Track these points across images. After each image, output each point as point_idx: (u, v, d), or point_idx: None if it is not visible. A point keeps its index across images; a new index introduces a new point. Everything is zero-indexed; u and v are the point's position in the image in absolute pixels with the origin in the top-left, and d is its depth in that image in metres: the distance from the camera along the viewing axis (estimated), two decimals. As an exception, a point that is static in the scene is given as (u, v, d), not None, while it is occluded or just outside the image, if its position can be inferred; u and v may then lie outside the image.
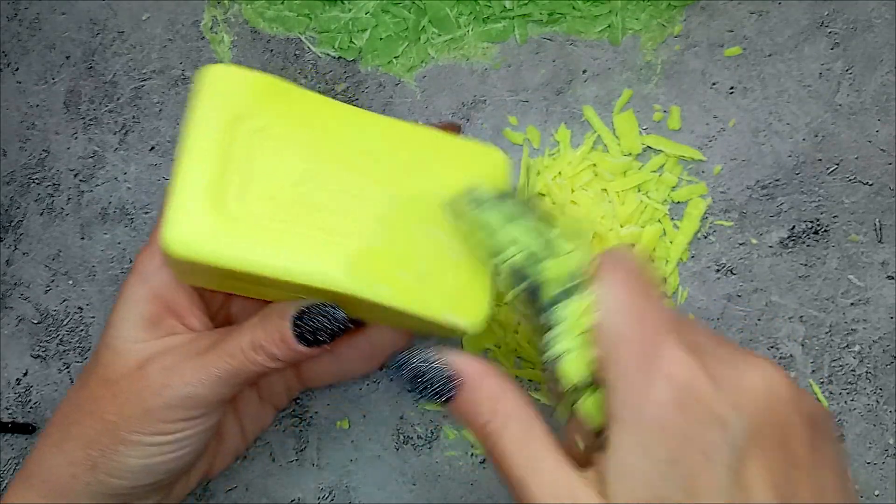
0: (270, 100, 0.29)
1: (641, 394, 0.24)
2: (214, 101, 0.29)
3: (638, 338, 0.25)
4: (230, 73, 0.29)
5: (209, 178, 0.28)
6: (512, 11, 0.41)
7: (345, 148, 0.30)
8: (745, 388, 0.24)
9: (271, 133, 0.29)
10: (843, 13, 0.41)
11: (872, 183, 0.40)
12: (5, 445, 0.41)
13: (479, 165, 0.31)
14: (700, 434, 0.24)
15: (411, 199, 0.30)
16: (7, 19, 0.44)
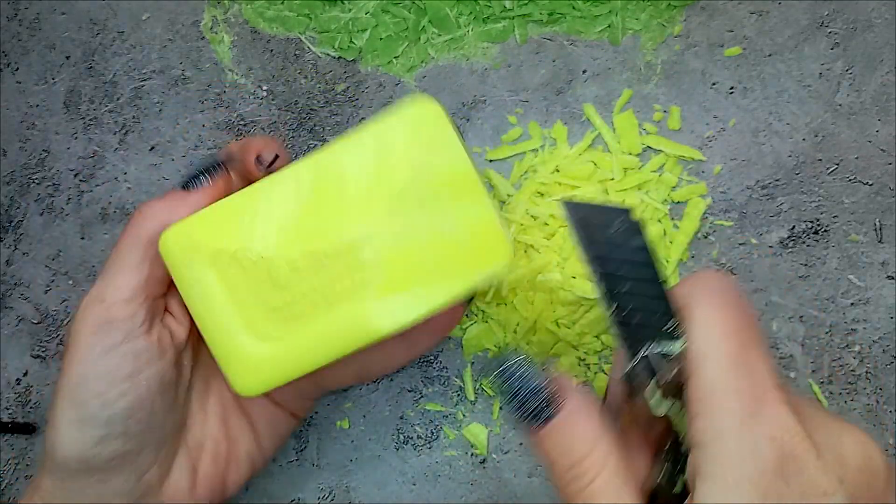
0: (212, 226, 0.31)
1: (741, 455, 0.23)
2: (185, 263, 0.30)
3: (742, 393, 0.23)
4: (176, 235, 0.31)
5: (230, 318, 0.30)
6: (512, 11, 0.41)
7: (300, 204, 0.31)
8: (845, 460, 0.23)
9: (230, 251, 0.31)
10: (843, 13, 0.41)
11: (872, 183, 0.40)
12: (5, 445, 0.41)
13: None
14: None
15: (389, 197, 0.30)
16: (7, 19, 0.44)
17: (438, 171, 0.30)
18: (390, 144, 0.30)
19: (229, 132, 0.42)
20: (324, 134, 0.42)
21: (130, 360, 0.30)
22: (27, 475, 0.41)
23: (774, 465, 0.22)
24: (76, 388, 0.30)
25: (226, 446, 0.35)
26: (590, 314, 0.39)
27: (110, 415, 0.30)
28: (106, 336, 0.30)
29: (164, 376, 0.31)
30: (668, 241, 0.40)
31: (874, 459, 0.24)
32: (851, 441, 0.24)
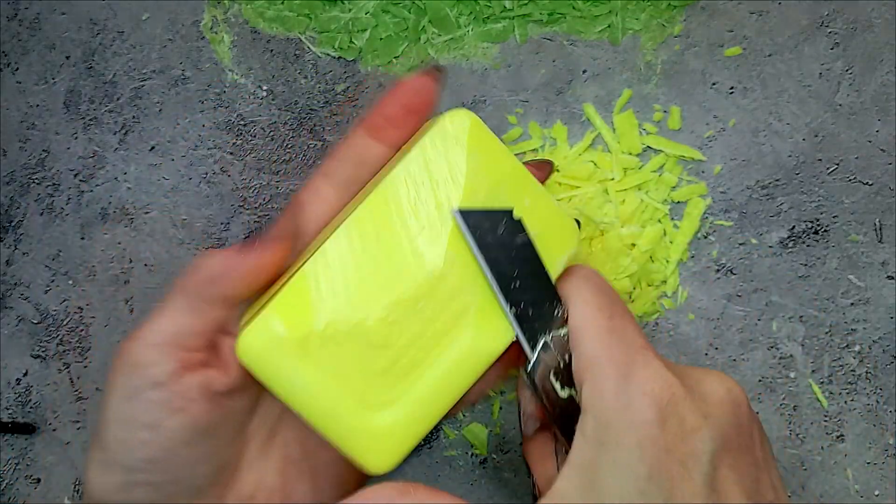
0: (287, 316, 0.29)
1: (622, 413, 0.25)
2: (272, 362, 0.29)
3: (615, 358, 0.26)
4: (252, 338, 0.28)
5: (340, 401, 0.28)
6: (512, 11, 0.41)
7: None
8: (711, 399, 0.26)
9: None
10: (843, 13, 0.41)
11: (872, 183, 0.40)
12: (5, 445, 0.41)
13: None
14: (678, 446, 0.25)
15: (452, 214, 0.29)
16: (7, 19, 0.44)
17: (491, 175, 0.29)
18: (438, 163, 0.29)
19: (229, 132, 0.42)
20: (324, 134, 0.42)
21: (153, 409, 0.28)
22: (27, 475, 0.41)
23: (650, 415, 0.25)
24: (103, 429, 0.28)
25: (281, 497, 0.32)
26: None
27: (131, 462, 0.28)
28: (129, 379, 0.28)
29: (193, 426, 0.29)
30: (668, 241, 0.40)
31: (733, 391, 0.27)
32: (712, 380, 0.27)
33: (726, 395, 0.26)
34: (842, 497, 0.39)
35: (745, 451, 0.26)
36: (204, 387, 0.29)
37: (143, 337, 0.29)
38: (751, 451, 0.26)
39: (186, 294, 0.29)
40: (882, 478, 0.39)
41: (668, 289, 0.40)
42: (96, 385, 0.41)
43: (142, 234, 0.42)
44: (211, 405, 0.29)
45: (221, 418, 0.30)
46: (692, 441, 0.25)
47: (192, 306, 0.29)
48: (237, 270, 0.29)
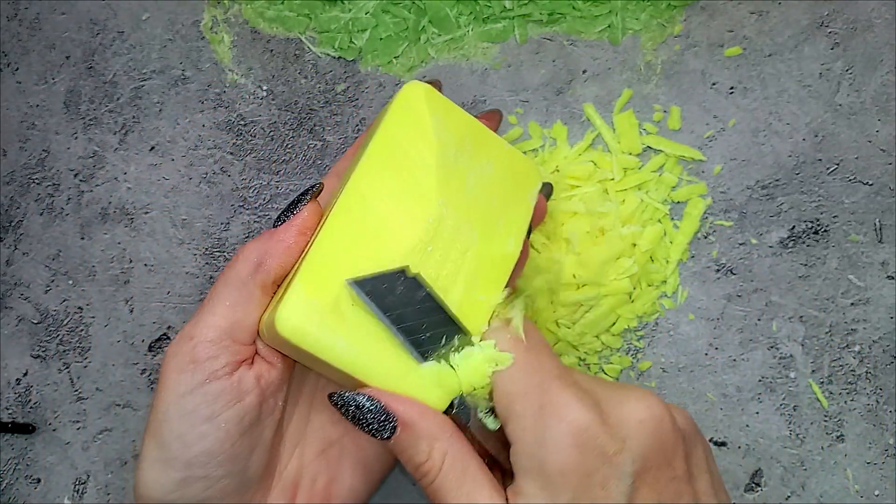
0: (313, 289, 0.30)
1: (540, 443, 0.27)
2: (312, 333, 0.30)
3: (528, 393, 0.28)
4: (287, 315, 0.30)
5: (386, 353, 0.30)
6: (512, 11, 0.41)
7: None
8: (630, 420, 0.27)
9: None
10: (843, 13, 0.41)
11: (872, 183, 0.40)
12: (5, 445, 0.41)
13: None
14: (598, 470, 0.26)
15: (433, 175, 0.32)
16: (7, 19, 0.44)
17: (455, 133, 0.33)
18: (407, 130, 0.32)
19: (229, 132, 0.42)
20: (324, 134, 0.42)
21: (210, 402, 0.29)
22: (27, 475, 0.41)
23: (571, 443, 0.26)
24: (160, 426, 0.29)
25: (325, 480, 0.33)
26: (590, 314, 0.39)
27: (190, 457, 0.29)
28: (189, 375, 0.29)
29: (245, 419, 0.30)
30: (668, 241, 0.40)
31: (653, 410, 0.27)
32: (632, 400, 0.28)
33: (645, 415, 0.27)
34: (842, 497, 0.39)
35: (663, 466, 0.27)
36: (257, 378, 0.30)
37: (199, 334, 0.30)
38: (671, 468, 0.27)
39: (233, 287, 0.31)
40: (882, 478, 0.39)
41: (668, 289, 0.40)
42: (96, 385, 0.41)
43: (142, 234, 0.42)
44: (261, 396, 0.31)
45: (268, 409, 0.31)
46: (611, 464, 0.26)
47: (240, 298, 0.30)
48: (276, 251, 0.31)
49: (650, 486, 0.27)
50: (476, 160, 0.33)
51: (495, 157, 0.33)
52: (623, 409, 0.27)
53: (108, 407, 0.41)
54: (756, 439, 0.39)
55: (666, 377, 0.40)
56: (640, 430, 0.27)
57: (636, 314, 0.40)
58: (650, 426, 0.27)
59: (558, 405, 0.27)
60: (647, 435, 0.27)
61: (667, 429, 0.28)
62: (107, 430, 0.41)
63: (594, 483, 0.26)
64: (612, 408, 0.27)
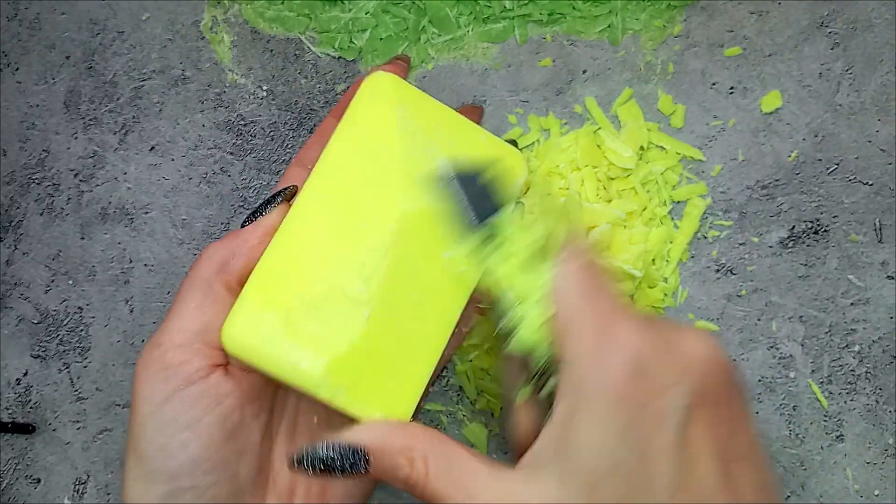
0: (265, 299, 0.29)
1: (599, 368, 0.26)
2: (259, 348, 0.29)
3: (593, 315, 0.27)
4: (233, 327, 0.29)
5: (351, 354, 0.29)
6: (512, 11, 0.41)
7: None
8: (688, 356, 0.26)
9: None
10: (843, 13, 0.41)
11: (872, 183, 0.40)
12: (5, 445, 0.41)
13: (382, 94, 0.32)
14: (653, 400, 0.25)
15: (402, 167, 0.30)
16: (7, 19, 0.44)
17: (424, 122, 0.31)
18: (369, 121, 0.31)
19: (229, 132, 0.42)
20: (324, 134, 0.42)
21: (188, 407, 0.28)
22: (27, 475, 0.41)
23: (626, 370, 0.25)
24: (138, 440, 0.28)
25: (320, 484, 0.33)
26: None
27: (174, 467, 0.28)
28: (164, 383, 0.28)
29: (227, 422, 0.29)
30: (668, 241, 0.40)
31: (712, 349, 0.27)
32: (692, 337, 0.27)
33: (704, 353, 0.27)
34: (841, 497, 0.39)
35: (716, 406, 0.26)
36: (236, 381, 0.30)
37: (167, 340, 0.29)
38: (722, 407, 0.27)
39: (198, 288, 0.30)
40: (882, 478, 0.39)
41: (669, 289, 0.40)
42: (96, 385, 0.41)
43: (142, 234, 0.42)
44: (242, 399, 0.30)
45: (252, 413, 0.30)
46: (666, 396, 0.26)
47: (206, 300, 0.29)
48: (241, 250, 0.30)
49: (704, 424, 0.26)
50: (449, 151, 0.31)
51: (472, 147, 0.31)
52: (683, 344, 0.27)
53: (108, 407, 0.41)
54: (756, 439, 0.39)
55: (666, 377, 0.40)
56: (698, 366, 0.26)
57: (636, 314, 0.40)
58: (709, 364, 0.27)
59: (619, 332, 0.26)
60: (705, 372, 0.26)
61: (724, 370, 0.27)
62: (107, 430, 0.41)
63: (649, 413, 0.25)
64: (672, 342, 0.27)
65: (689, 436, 0.26)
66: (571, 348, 0.27)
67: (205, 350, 0.29)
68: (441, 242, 0.30)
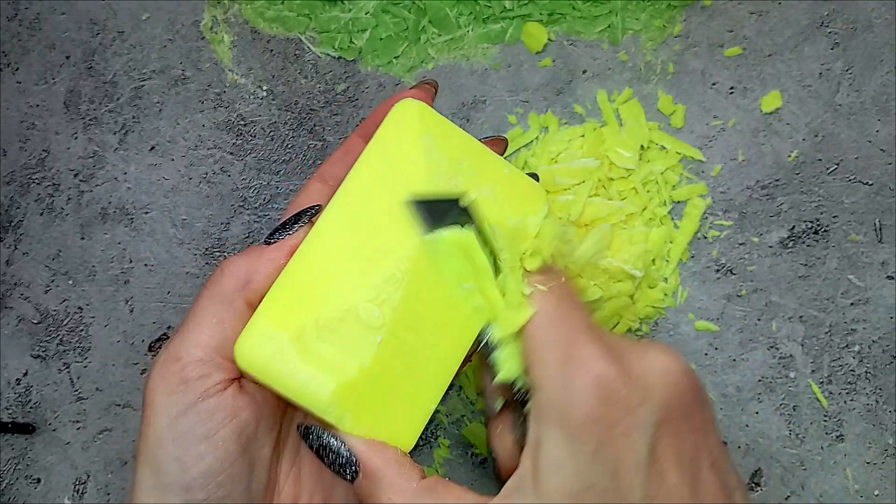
0: (279, 316, 0.30)
1: (566, 392, 0.27)
2: (272, 364, 0.29)
3: (559, 341, 0.28)
4: (247, 343, 0.29)
5: (363, 380, 0.29)
6: (512, 11, 0.41)
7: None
8: (652, 374, 0.27)
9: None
10: (843, 13, 0.41)
11: (872, 183, 0.40)
12: (5, 445, 0.41)
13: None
14: (620, 420, 0.26)
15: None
16: (7, 19, 0.44)
17: (449, 153, 0.31)
18: (394, 150, 0.30)
19: (229, 132, 0.42)
20: (324, 134, 0.42)
21: (205, 420, 0.28)
22: (27, 475, 0.41)
23: (592, 393, 0.26)
24: (154, 452, 0.29)
25: (321, 499, 0.33)
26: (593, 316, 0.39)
27: (189, 480, 0.28)
28: (182, 396, 0.28)
29: (242, 435, 0.29)
30: (668, 241, 0.40)
31: (673, 365, 0.28)
32: (653, 355, 0.28)
33: (667, 369, 0.28)
34: (841, 497, 0.39)
35: (682, 418, 0.28)
36: (251, 394, 0.30)
37: (187, 353, 0.29)
38: (687, 418, 0.28)
39: (220, 303, 0.30)
40: (882, 478, 0.39)
41: (669, 289, 0.40)
42: (96, 385, 0.41)
43: (142, 234, 0.42)
44: (257, 412, 0.30)
45: (265, 428, 0.31)
46: (634, 415, 0.27)
47: (227, 315, 0.30)
48: (266, 269, 0.30)
49: (671, 437, 0.27)
50: (473, 182, 0.31)
51: (495, 180, 0.31)
52: (645, 362, 0.28)
53: (108, 407, 0.41)
54: (756, 439, 0.39)
55: (666, 377, 0.40)
56: (662, 383, 0.27)
57: (637, 316, 0.40)
58: (672, 379, 0.28)
59: (584, 357, 0.27)
60: (669, 387, 0.27)
61: (687, 382, 0.28)
62: (107, 430, 0.41)
63: (617, 434, 0.26)
64: (635, 361, 0.28)
65: (657, 451, 0.27)
66: (539, 374, 0.28)
67: (223, 364, 0.29)
68: (458, 273, 0.30)
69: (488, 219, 0.30)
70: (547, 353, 0.28)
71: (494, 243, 0.30)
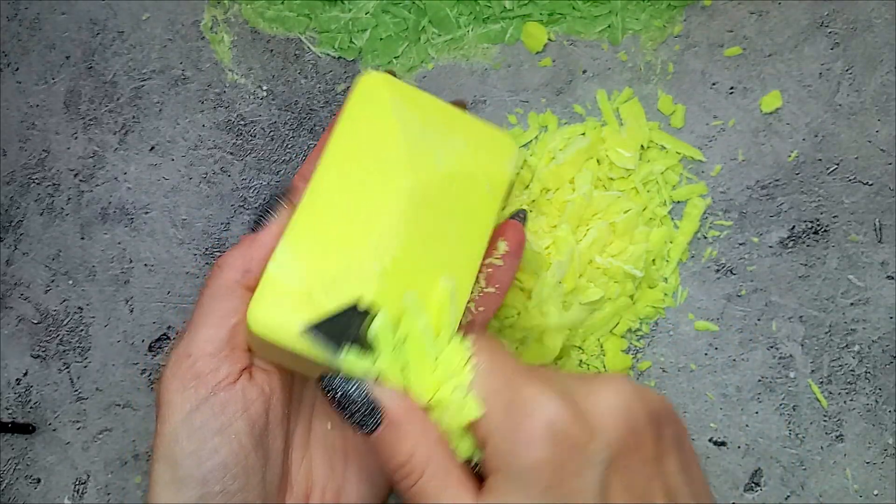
0: (282, 287, 0.30)
1: (511, 440, 0.26)
2: (283, 328, 0.29)
3: (496, 390, 0.27)
4: (258, 310, 0.29)
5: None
6: (512, 11, 0.41)
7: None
8: (599, 408, 0.27)
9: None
10: (843, 13, 0.41)
11: (872, 183, 0.40)
12: (5, 445, 0.41)
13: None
14: (569, 460, 0.26)
15: (401, 159, 0.32)
16: (7, 19, 0.44)
17: (420, 116, 0.32)
18: (369, 118, 0.32)
19: (229, 132, 0.42)
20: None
21: (218, 413, 0.29)
22: (27, 475, 0.41)
23: (542, 437, 0.26)
24: (169, 446, 0.29)
25: (334, 490, 0.33)
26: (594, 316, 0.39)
27: (205, 473, 0.29)
28: (194, 392, 0.29)
29: (255, 426, 0.30)
30: (668, 241, 0.40)
31: (626, 397, 0.27)
32: (601, 389, 0.27)
33: (614, 401, 0.27)
34: (841, 497, 0.39)
35: (634, 451, 0.27)
36: (259, 385, 0.30)
37: (197, 349, 0.30)
38: (640, 450, 0.27)
39: (222, 296, 0.30)
40: (881, 477, 0.39)
41: (669, 289, 0.40)
42: (96, 385, 0.41)
43: (142, 234, 0.42)
44: (266, 403, 0.30)
45: (276, 417, 0.31)
46: (583, 453, 0.26)
47: (231, 306, 0.30)
48: (260, 255, 0.31)
49: (622, 473, 0.27)
50: (445, 137, 0.33)
51: (466, 132, 0.33)
52: (592, 397, 0.27)
53: (108, 407, 0.41)
54: (756, 439, 0.39)
55: (665, 377, 0.40)
56: (610, 417, 0.27)
57: (637, 316, 0.40)
58: (620, 412, 0.27)
59: (526, 400, 0.27)
60: (618, 420, 0.27)
61: (637, 413, 0.27)
62: (107, 430, 0.41)
63: (567, 474, 0.26)
64: (581, 397, 0.27)
65: (609, 488, 0.26)
66: (485, 425, 0.27)
67: (232, 355, 0.30)
68: (453, 204, 0.32)
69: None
70: (488, 405, 0.27)
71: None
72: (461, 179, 0.32)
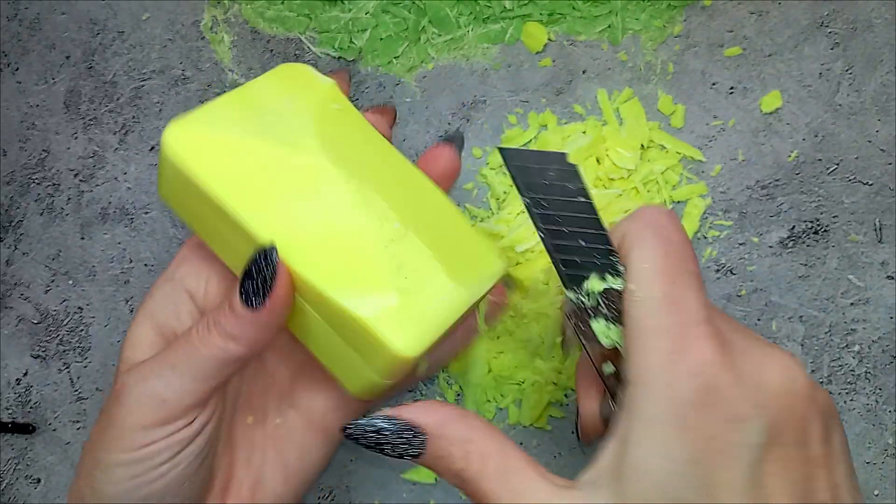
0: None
1: (666, 390, 0.23)
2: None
3: (668, 332, 0.24)
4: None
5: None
6: (512, 11, 0.41)
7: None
8: (766, 385, 0.24)
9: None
10: (843, 13, 0.41)
11: (872, 183, 0.40)
12: (5, 445, 0.41)
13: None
14: (721, 434, 0.23)
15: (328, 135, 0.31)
16: (7, 19, 0.44)
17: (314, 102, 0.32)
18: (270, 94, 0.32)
19: (229, 132, 0.42)
20: (324, 134, 0.42)
21: (175, 447, 0.29)
22: (27, 475, 0.41)
23: (695, 397, 0.23)
24: (110, 468, 0.29)
25: (249, 485, 0.33)
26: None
27: (147, 493, 0.29)
28: (159, 430, 0.29)
29: (200, 451, 0.30)
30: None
31: (795, 380, 0.24)
32: (774, 365, 0.24)
33: (785, 385, 0.24)
34: (841, 497, 0.39)
35: (797, 445, 0.24)
36: (207, 416, 0.30)
37: (174, 398, 0.29)
38: (805, 446, 0.24)
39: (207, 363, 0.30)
40: (881, 477, 0.39)
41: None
42: (96, 385, 0.41)
43: (142, 234, 0.42)
44: (209, 429, 0.31)
45: (210, 428, 0.31)
46: (738, 431, 0.23)
47: (215, 374, 0.30)
48: (263, 337, 0.30)
49: (780, 464, 0.23)
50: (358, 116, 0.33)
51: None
52: (763, 371, 0.24)
53: (109, 407, 0.41)
54: (756, 439, 0.39)
55: (666, 377, 0.40)
56: (777, 400, 0.24)
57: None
58: (790, 398, 0.24)
59: (693, 354, 0.23)
60: (784, 406, 0.24)
61: (807, 404, 0.24)
62: (107, 430, 0.41)
63: (716, 448, 0.23)
64: (751, 368, 0.24)
65: (762, 476, 0.23)
66: (638, 366, 0.24)
67: (205, 408, 0.30)
68: (378, 165, 0.31)
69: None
70: (652, 343, 0.24)
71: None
72: (363, 144, 0.32)
